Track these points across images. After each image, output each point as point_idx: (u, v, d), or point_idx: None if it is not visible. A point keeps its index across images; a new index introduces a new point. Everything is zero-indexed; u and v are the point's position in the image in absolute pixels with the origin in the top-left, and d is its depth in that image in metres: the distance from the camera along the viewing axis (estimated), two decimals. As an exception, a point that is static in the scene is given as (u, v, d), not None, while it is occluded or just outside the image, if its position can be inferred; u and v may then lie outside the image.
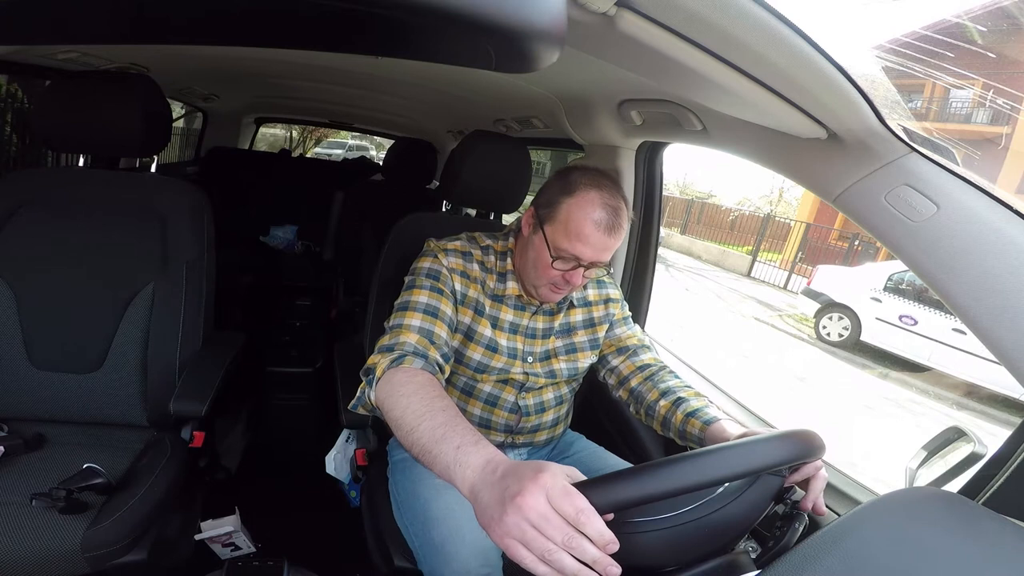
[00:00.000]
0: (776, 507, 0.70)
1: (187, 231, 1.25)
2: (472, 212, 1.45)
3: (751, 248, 11.16)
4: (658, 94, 1.04)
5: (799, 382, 5.48)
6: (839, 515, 0.69)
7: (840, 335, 6.71)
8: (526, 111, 1.68)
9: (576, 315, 1.08)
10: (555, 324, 1.06)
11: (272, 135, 8.46)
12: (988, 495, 0.69)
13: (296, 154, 5.31)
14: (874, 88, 0.65)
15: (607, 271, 1.17)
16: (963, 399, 5.54)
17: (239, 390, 1.87)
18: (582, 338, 1.08)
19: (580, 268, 0.91)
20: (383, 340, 0.88)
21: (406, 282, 0.98)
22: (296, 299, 2.38)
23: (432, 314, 0.92)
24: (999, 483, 0.68)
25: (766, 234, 10.87)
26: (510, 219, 1.39)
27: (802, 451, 0.62)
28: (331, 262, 2.43)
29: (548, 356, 1.05)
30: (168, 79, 1.86)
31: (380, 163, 2.99)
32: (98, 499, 0.98)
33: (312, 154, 9.77)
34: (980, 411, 5.33)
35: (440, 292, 0.95)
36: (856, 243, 9.40)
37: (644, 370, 1.05)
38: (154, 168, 2.53)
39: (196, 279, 1.25)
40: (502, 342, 1.01)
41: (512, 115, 1.81)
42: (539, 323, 1.05)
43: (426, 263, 0.99)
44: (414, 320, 0.90)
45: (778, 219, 11.41)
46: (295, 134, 9.22)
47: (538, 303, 1.03)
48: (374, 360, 0.84)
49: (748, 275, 10.66)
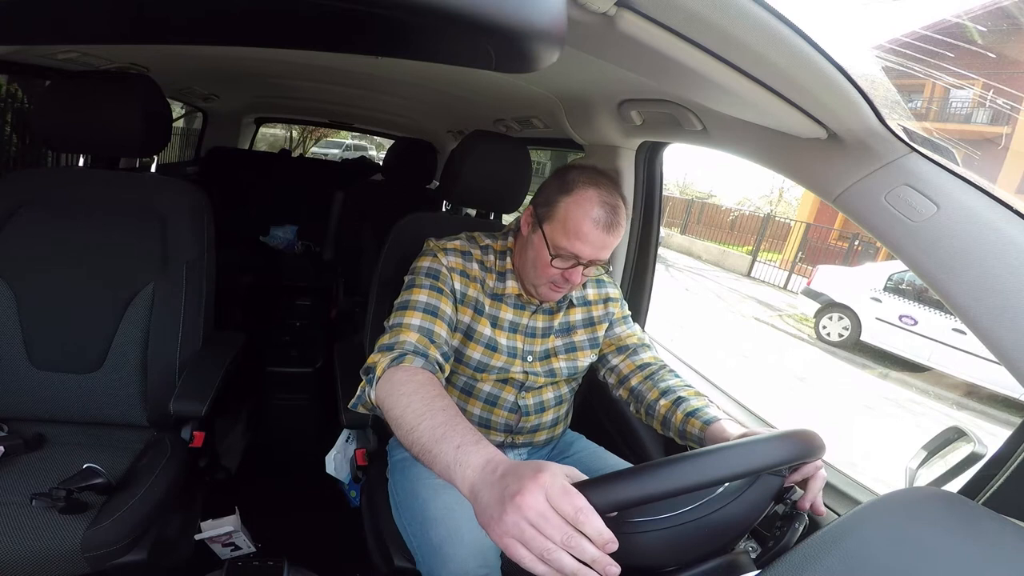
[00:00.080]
0: (776, 507, 0.70)
1: (187, 231, 1.25)
2: (472, 212, 1.45)
3: (751, 248, 11.17)
4: (658, 94, 1.04)
5: (799, 382, 5.48)
6: (839, 515, 0.69)
7: (840, 335, 6.71)
8: (526, 111, 1.68)
9: (576, 314, 1.08)
10: (555, 323, 1.06)
11: (272, 135, 8.46)
12: (988, 495, 0.69)
13: (296, 154, 5.31)
14: (874, 88, 0.65)
15: (606, 269, 1.17)
16: (963, 399, 5.54)
17: (239, 390, 1.87)
18: (581, 337, 1.08)
19: (579, 266, 0.91)
20: (383, 339, 0.88)
21: (406, 281, 0.98)
22: (296, 299, 2.38)
23: (432, 313, 0.92)
24: (999, 483, 0.68)
25: (766, 234, 10.87)
26: (510, 219, 1.39)
27: (802, 451, 0.62)
28: (331, 262, 2.43)
29: (548, 355, 1.05)
30: (168, 79, 1.86)
31: (380, 163, 2.99)
32: (98, 499, 0.98)
33: (309, 154, 9.76)
34: (980, 411, 5.33)
35: (440, 291, 0.95)
36: (856, 243, 9.41)
37: (644, 369, 1.05)
38: (154, 168, 2.53)
39: (196, 279, 1.25)
40: (502, 341, 1.01)
41: (512, 115, 1.81)
42: (539, 322, 1.05)
43: (426, 262, 0.99)
44: (414, 319, 0.90)
45: (778, 219, 11.41)
46: (295, 134, 9.22)
47: (538, 302, 1.03)
48: (374, 359, 0.84)
49: (748, 275, 10.67)
